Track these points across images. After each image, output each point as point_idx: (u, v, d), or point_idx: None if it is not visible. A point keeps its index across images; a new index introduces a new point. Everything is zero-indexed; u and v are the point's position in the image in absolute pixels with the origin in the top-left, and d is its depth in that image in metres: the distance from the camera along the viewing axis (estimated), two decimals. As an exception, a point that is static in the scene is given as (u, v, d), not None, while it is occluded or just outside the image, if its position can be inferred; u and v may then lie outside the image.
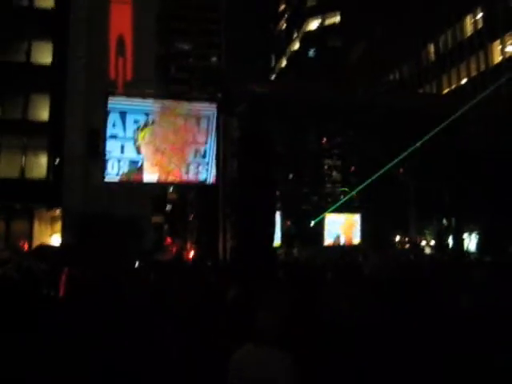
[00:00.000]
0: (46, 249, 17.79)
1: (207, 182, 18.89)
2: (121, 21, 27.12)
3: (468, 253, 24.62)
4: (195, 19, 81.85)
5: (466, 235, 26.48)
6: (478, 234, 23.66)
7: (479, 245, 22.86)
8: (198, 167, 18.82)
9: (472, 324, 5.14)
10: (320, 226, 26.11)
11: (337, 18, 71.21)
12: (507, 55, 42.77)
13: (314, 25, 74.14)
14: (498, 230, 21.35)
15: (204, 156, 18.82)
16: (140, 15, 27.47)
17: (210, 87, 20.72)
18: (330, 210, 25.52)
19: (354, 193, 23.64)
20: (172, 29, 68.40)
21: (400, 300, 6.11)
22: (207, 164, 18.91)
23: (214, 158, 18.86)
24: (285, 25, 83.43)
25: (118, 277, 8.86)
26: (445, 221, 24.93)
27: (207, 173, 18.88)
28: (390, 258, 19.37)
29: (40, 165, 26.40)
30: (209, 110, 19.03)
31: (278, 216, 21.63)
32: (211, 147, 18.84)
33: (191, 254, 22.67)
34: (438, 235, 26.14)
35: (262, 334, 3.82)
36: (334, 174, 28.23)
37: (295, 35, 78.01)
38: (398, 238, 28.40)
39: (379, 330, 5.13)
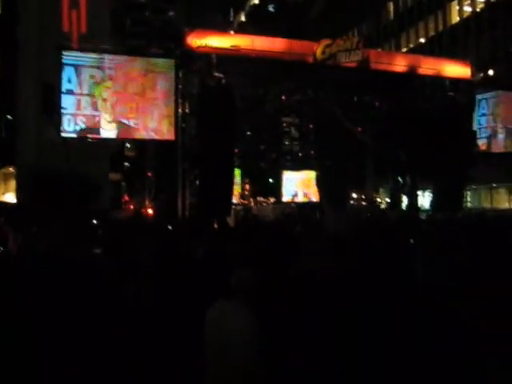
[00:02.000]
0: (2, 205, 17.45)
1: (165, 138, 18.71)
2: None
3: (421, 209, 25.37)
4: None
5: (419, 193, 27.20)
6: (432, 192, 24.30)
7: (432, 202, 23.52)
8: (157, 124, 18.60)
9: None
10: (278, 183, 26.37)
11: (297, -27, 70.18)
12: (464, 15, 43.20)
13: (273, -21, 72.92)
14: (451, 188, 22.00)
15: (163, 113, 18.59)
16: (94, -35, 26.43)
17: (168, 42, 20.27)
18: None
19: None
20: (128, -20, 66.22)
21: (364, 258, 6.29)
22: (165, 121, 18.69)
23: (172, 114, 18.65)
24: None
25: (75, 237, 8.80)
26: (400, 179, 25.49)
27: (165, 129, 18.69)
28: (347, 215, 19.77)
29: (-9, 121, 25.62)
30: (167, 65, 18.71)
31: (236, 173, 21.72)
32: (169, 104, 18.60)
33: (149, 211, 22.62)
34: (393, 193, 26.76)
35: (235, 289, 3.94)
36: (293, 131, 28.30)
37: (254, -11, 76.62)
38: (354, 196, 28.91)
39: (345, 284, 5.29)
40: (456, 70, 22.91)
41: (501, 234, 8.76)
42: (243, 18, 79.57)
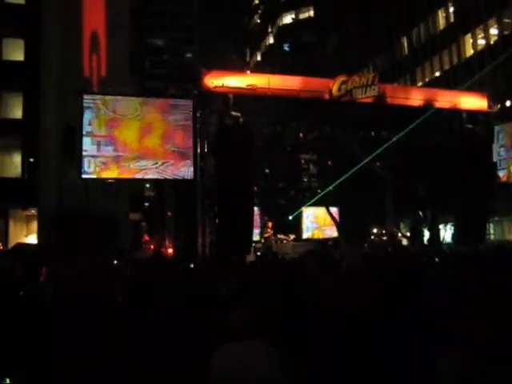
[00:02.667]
0: (23, 247, 17.58)
1: (185, 178, 18.85)
2: (94, 16, 26.86)
3: (443, 243, 25.07)
4: (169, 14, 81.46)
5: (441, 226, 26.92)
6: (453, 225, 24.04)
7: (454, 235, 23.23)
8: (176, 164, 18.77)
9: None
10: (298, 220, 26.29)
11: (310, 12, 71.49)
12: (478, 48, 43.40)
13: (288, 19, 74.32)
14: (472, 220, 21.75)
15: (182, 153, 18.78)
16: (113, 10, 27.23)
17: (186, 83, 20.68)
18: (308, 204, 25.71)
19: (330, 187, 23.83)
20: (146, 24, 67.97)
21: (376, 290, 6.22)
22: (185, 160, 18.87)
23: (191, 153, 18.83)
24: (259, 19, 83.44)
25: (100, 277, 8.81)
26: (420, 213, 25.30)
27: (185, 168, 18.85)
28: (363, 249, 19.61)
29: (14, 164, 26.10)
30: (185, 106, 18.99)
31: (255, 211, 21.73)
32: (188, 144, 18.81)
33: (170, 250, 22.64)
34: (414, 227, 26.53)
35: (240, 329, 3.83)
36: (311, 168, 28.39)
37: (269, 30, 78.09)
38: (375, 231, 28.69)
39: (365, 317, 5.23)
40: (473, 102, 22.91)
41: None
42: (259, 58, 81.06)
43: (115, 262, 14.76)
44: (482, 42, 43.23)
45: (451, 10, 46.32)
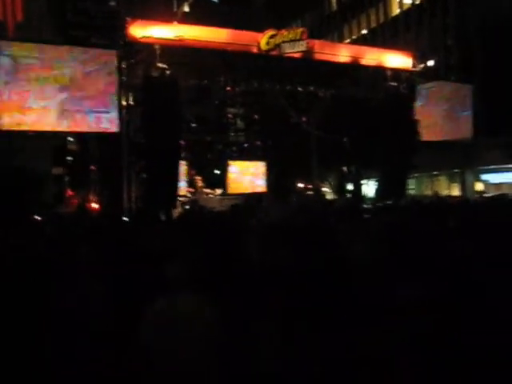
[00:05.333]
0: None
1: (109, 131, 18.35)
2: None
3: (366, 198, 25.92)
4: (91, -42, 77.57)
5: (365, 181, 27.76)
6: (376, 180, 24.81)
7: (377, 191, 24.02)
8: (99, 116, 18.19)
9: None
10: (224, 174, 26.29)
11: (240, -37, 70.02)
12: (404, 7, 44.12)
13: (216, -31, 72.55)
14: (394, 176, 22.53)
15: (106, 104, 18.20)
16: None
17: (110, 33, 19.85)
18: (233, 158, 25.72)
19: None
20: (67, -32, 64.49)
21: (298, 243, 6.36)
22: (108, 112, 18.31)
23: (115, 105, 18.29)
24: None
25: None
26: (345, 168, 25.92)
27: (108, 121, 18.32)
28: (288, 204, 19.97)
29: None
30: (110, 56, 18.31)
31: (182, 165, 21.57)
32: (113, 95, 18.23)
33: (94, 205, 22.16)
34: (338, 182, 27.22)
35: (176, 281, 3.88)
36: (238, 122, 28.30)
37: (198, -20, 76.06)
38: (301, 185, 29.21)
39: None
40: (397, 60, 23.40)
41: (439, 220, 9.10)
42: (187, 9, 79.02)
43: (36, 217, 14.33)
44: (408, 1, 43.95)
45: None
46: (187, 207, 21.59)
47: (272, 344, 4.59)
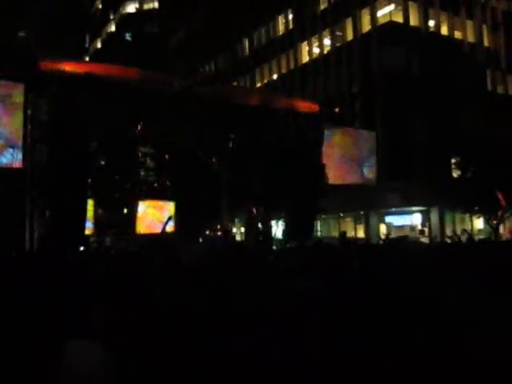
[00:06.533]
0: None
1: (12, 166, 17.61)
2: None
3: (274, 239, 26.26)
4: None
5: (273, 223, 28.17)
6: (284, 221, 25.27)
7: (284, 232, 24.44)
8: (1, 150, 17.46)
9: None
10: (133, 214, 25.81)
11: (155, 4, 70.64)
12: (313, 56, 46.02)
13: (131, 8, 72.73)
14: (301, 218, 23.06)
15: (9, 139, 17.51)
16: None
17: (17, 65, 19.25)
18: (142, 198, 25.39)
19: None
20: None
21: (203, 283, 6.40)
22: (12, 147, 17.62)
23: (20, 140, 17.64)
24: (100, 5, 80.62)
25: None
26: (254, 210, 26.22)
27: (12, 156, 17.61)
28: (201, 246, 19.90)
29: None
30: (15, 90, 17.73)
31: (89, 204, 20.98)
32: (17, 130, 17.60)
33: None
34: (247, 223, 27.43)
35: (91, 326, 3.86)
36: (148, 161, 28.08)
37: (111, 17, 75.84)
38: (210, 226, 29.18)
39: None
40: (306, 106, 24.31)
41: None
42: (99, 45, 78.28)
43: None
44: (316, 50, 45.89)
45: (290, 17, 48.61)
46: (95, 246, 20.97)
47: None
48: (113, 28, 75.06)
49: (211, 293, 6.16)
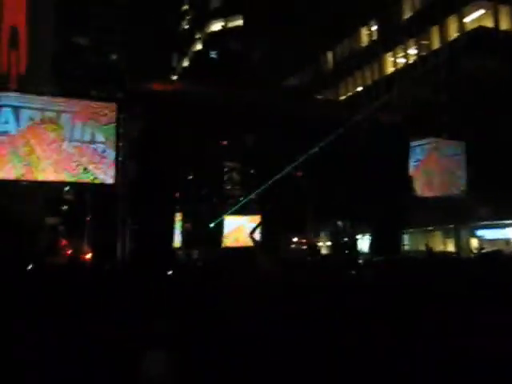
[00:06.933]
0: None
1: (106, 183, 18.43)
2: (14, 10, 25.83)
3: (360, 253, 25.83)
4: (95, 14, 79.47)
5: (359, 236, 27.74)
6: (371, 235, 24.81)
7: (371, 245, 23.97)
8: (96, 167, 18.31)
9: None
10: (220, 227, 26.25)
11: (239, 21, 71.92)
12: (399, 66, 45.14)
13: (216, 26, 74.45)
14: (388, 232, 22.54)
15: (102, 156, 18.35)
16: (36, 6, 26.29)
17: (109, 86, 20.20)
18: (230, 212, 25.76)
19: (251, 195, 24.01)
20: (70, 23, 66.00)
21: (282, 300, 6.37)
22: (105, 164, 18.44)
23: (113, 158, 18.44)
24: (187, 25, 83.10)
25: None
26: (340, 223, 25.94)
27: (105, 173, 18.43)
28: (277, 259, 19.87)
29: None
30: (108, 109, 18.58)
31: (177, 217, 21.57)
32: (110, 147, 18.41)
33: (88, 255, 22.04)
34: (333, 236, 27.17)
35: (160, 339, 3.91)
36: (235, 175, 28.52)
37: (198, 36, 77.94)
38: (295, 240, 29.15)
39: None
40: (391, 118, 23.82)
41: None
42: (186, 64, 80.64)
43: (30, 266, 14.24)
44: (401, 60, 44.97)
45: (374, 28, 48.01)
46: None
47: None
48: (199, 46, 77.15)
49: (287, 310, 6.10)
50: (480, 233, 35.83)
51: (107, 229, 19.39)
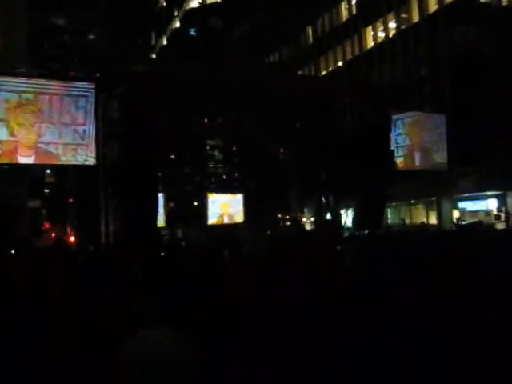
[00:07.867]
0: None
1: (87, 164, 18.26)
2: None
3: (344, 227, 26.01)
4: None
5: (343, 211, 27.88)
6: (354, 210, 24.94)
7: (354, 220, 24.12)
8: (76, 148, 18.11)
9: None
10: (203, 206, 26.24)
11: (218, -3, 71.11)
12: (379, 40, 45.03)
13: (194, 3, 73.52)
14: (371, 206, 22.67)
15: (83, 137, 18.15)
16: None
17: (88, 66, 19.92)
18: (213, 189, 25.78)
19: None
20: (46, 3, 64.61)
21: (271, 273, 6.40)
22: (86, 145, 18.25)
23: (93, 139, 18.24)
24: (165, 2, 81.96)
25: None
26: (323, 198, 26.01)
27: (86, 154, 18.25)
28: (264, 235, 20.00)
29: None
30: (87, 89, 18.33)
31: (160, 197, 21.49)
32: (90, 128, 18.20)
33: (72, 238, 21.97)
34: (317, 212, 27.26)
35: (148, 318, 3.86)
36: (217, 153, 28.44)
37: (176, 13, 76.96)
38: (279, 216, 29.24)
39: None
40: (373, 92, 23.82)
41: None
42: (165, 42, 79.70)
43: (12, 251, 14.17)
44: (381, 34, 44.83)
45: (354, 1, 47.72)
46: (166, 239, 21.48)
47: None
48: (177, 24, 76.20)
49: (276, 284, 6.13)
50: (462, 205, 36.26)
51: (90, 211, 19.28)
